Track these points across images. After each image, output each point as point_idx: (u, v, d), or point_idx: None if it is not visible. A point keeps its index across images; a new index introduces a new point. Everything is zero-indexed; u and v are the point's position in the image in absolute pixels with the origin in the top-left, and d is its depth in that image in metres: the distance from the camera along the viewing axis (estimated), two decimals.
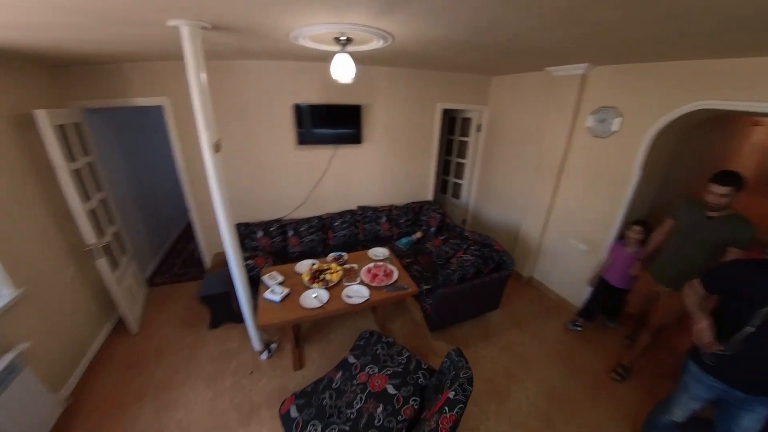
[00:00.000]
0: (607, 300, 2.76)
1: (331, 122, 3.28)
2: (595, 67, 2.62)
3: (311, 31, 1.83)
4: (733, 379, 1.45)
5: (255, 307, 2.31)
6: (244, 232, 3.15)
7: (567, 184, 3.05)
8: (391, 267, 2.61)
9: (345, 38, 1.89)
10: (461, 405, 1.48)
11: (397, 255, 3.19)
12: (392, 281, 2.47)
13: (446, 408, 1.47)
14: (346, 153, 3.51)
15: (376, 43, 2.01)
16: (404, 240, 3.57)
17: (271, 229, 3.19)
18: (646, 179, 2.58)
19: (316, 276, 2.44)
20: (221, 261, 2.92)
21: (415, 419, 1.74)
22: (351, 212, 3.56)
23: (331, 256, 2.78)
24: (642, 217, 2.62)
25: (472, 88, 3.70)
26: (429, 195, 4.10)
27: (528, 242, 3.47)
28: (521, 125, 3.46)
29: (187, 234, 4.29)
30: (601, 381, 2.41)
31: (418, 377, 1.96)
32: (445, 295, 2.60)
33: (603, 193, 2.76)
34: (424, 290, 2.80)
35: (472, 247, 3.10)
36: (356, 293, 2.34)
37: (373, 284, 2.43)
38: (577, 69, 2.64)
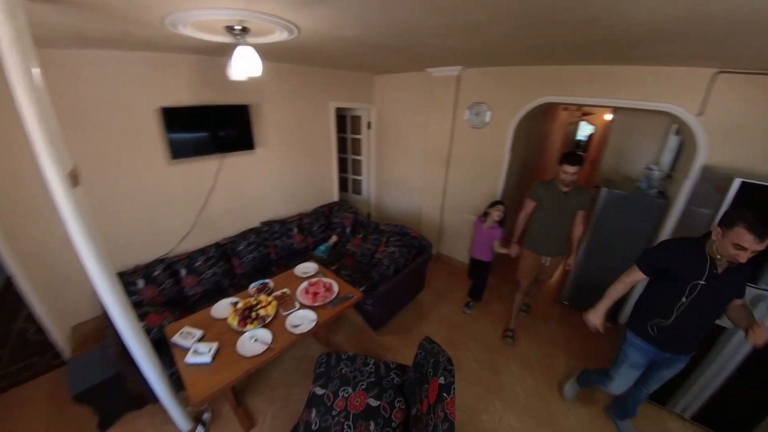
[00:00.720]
0: (477, 275, 3.07)
1: (213, 127, 2.75)
2: (467, 69, 3.14)
3: (199, 17, 1.49)
4: (665, 344, 1.67)
5: (174, 380, 1.78)
6: None
7: (456, 169, 3.57)
8: (328, 280, 2.48)
9: (240, 28, 1.63)
10: (453, 385, 1.58)
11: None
12: (335, 295, 2.35)
13: (444, 394, 1.52)
14: (236, 163, 3.03)
15: (279, 36, 1.80)
16: (321, 248, 3.42)
17: (155, 273, 2.46)
18: (513, 159, 3.32)
19: (247, 315, 2.07)
20: (90, 334, 2.08)
21: (407, 418, 1.77)
22: (255, 231, 3.14)
23: (253, 286, 2.40)
24: (499, 198, 3.12)
25: (358, 86, 3.81)
26: (335, 195, 4.04)
27: (431, 223, 3.91)
28: (409, 120, 3.81)
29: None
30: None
31: (392, 378, 1.98)
32: (386, 291, 2.68)
33: (485, 172, 3.38)
34: (361, 292, 2.79)
35: (392, 239, 3.27)
36: (302, 319, 2.12)
37: (317, 304, 2.26)
38: (453, 70, 3.11)
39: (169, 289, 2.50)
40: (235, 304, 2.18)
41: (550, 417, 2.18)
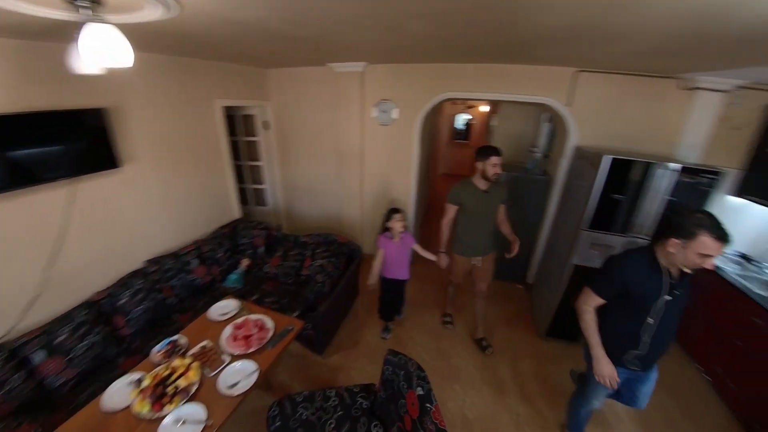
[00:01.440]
0: (394, 295, 2.79)
1: (51, 142, 1.97)
2: (371, 65, 3.12)
3: None
4: (639, 367, 1.62)
5: None
6: None
7: (371, 167, 3.57)
8: (257, 316, 2.12)
9: None
10: (432, 392, 1.58)
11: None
12: (272, 332, 2.04)
13: (427, 405, 1.49)
14: (96, 187, 2.26)
15: (150, 13, 1.36)
16: (232, 276, 2.94)
17: None
18: (422, 153, 3.51)
19: (161, 393, 1.59)
20: None
21: None
22: (140, 274, 2.44)
23: (158, 350, 1.86)
24: (397, 205, 2.89)
25: (249, 82, 3.36)
26: (236, 211, 3.50)
27: (352, 224, 3.84)
28: (315, 119, 3.59)
29: None
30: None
31: (360, 403, 1.87)
32: (326, 310, 2.50)
33: (399, 168, 3.49)
34: (296, 318, 2.53)
35: (318, 251, 3.07)
36: (238, 374, 1.75)
37: (252, 349, 1.90)
38: (357, 66, 3.05)
39: (19, 387, 1.71)
40: (138, 381, 1.66)
41: (503, 383, 2.47)
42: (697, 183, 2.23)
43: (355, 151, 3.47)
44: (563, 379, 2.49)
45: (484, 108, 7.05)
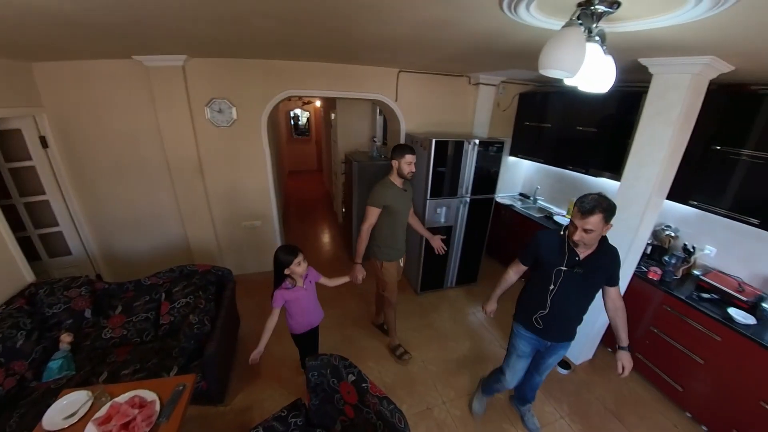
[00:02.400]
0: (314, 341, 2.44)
1: None
2: (193, 59, 2.76)
3: None
4: (546, 334, 1.85)
5: None
6: None
7: (214, 176, 3.22)
8: (126, 395, 1.72)
9: None
10: (361, 371, 1.72)
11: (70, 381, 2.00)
12: (158, 402, 1.71)
13: (363, 385, 1.64)
14: None
15: None
16: (54, 364, 2.14)
17: None
18: (272, 153, 3.45)
19: None
20: None
21: None
22: None
23: None
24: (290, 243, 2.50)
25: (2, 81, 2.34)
26: (24, 274, 2.47)
27: (206, 248, 3.41)
28: (121, 128, 2.88)
29: None
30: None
31: (295, 422, 1.87)
32: (215, 351, 2.24)
33: (250, 173, 3.32)
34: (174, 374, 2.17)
35: (175, 290, 2.64)
36: None
37: None
38: (175, 60, 2.64)
39: None
40: None
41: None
42: (490, 151, 3.21)
43: (190, 161, 3.04)
44: (443, 322, 3.19)
45: (319, 104, 7.35)
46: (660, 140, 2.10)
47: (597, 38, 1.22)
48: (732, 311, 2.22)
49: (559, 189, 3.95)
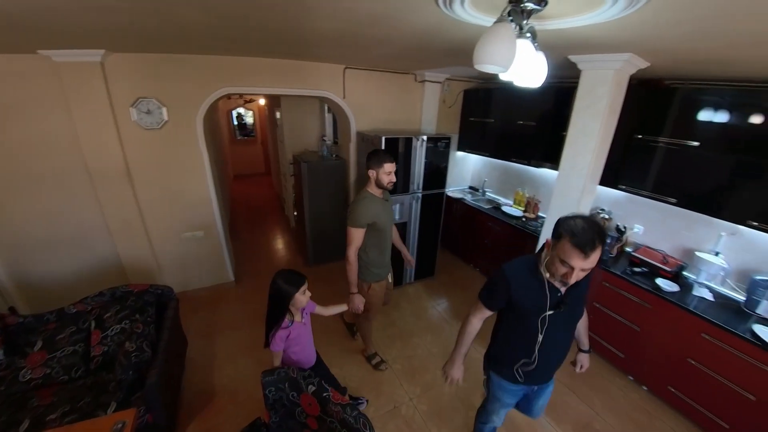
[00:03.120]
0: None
1: None
2: (113, 54, 2.49)
3: None
4: (532, 380, 1.57)
5: None
6: None
7: (145, 183, 2.94)
8: None
9: None
10: (322, 381, 1.70)
11: None
12: None
13: (324, 394, 1.63)
14: None
15: None
16: None
17: None
18: (212, 156, 3.24)
19: None
20: None
21: None
22: None
23: None
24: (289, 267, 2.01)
25: None
26: None
27: (143, 264, 3.11)
28: (31, 133, 2.52)
29: None
30: None
31: None
32: (159, 379, 2.05)
33: (187, 178, 3.06)
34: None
35: (107, 315, 2.38)
36: None
37: None
38: (92, 56, 2.36)
39: None
40: None
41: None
42: (438, 147, 3.30)
43: (116, 168, 2.73)
44: (404, 319, 3.23)
45: (263, 102, 7.01)
46: (590, 131, 2.29)
47: (528, 35, 1.30)
48: (659, 281, 2.51)
49: (506, 180, 4.19)
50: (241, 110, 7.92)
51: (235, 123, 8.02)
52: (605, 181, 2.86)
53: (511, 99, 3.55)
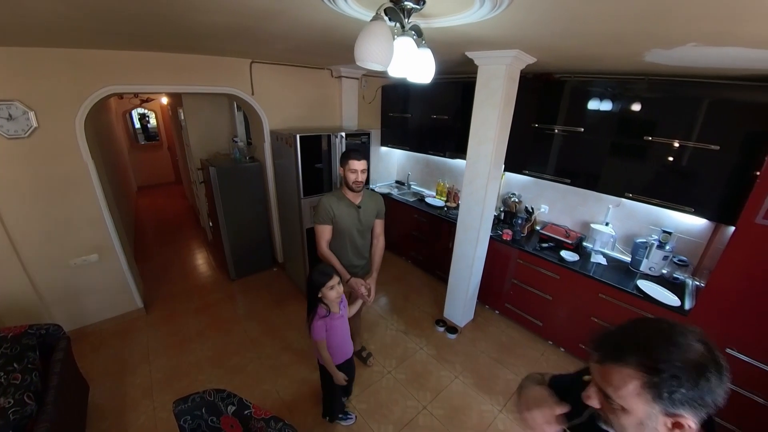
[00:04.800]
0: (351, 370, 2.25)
1: None
2: None
3: None
4: None
5: None
6: None
7: (14, 205, 2.50)
8: None
9: None
10: (243, 398, 1.65)
11: None
12: None
13: (245, 412, 1.58)
14: None
15: None
16: None
17: None
18: (100, 166, 2.90)
19: None
20: None
21: None
22: None
23: None
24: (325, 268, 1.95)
25: None
26: None
27: (19, 301, 2.65)
28: None
29: None
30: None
31: None
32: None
33: (68, 194, 2.68)
34: None
35: None
36: None
37: None
38: None
39: None
40: None
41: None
42: (360, 142, 3.36)
43: None
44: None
45: (165, 101, 6.38)
46: (490, 122, 2.53)
47: (412, 32, 1.39)
48: (563, 253, 2.88)
49: (428, 173, 4.43)
50: (143, 110, 7.14)
51: (138, 126, 7.19)
52: (513, 167, 3.20)
53: (426, 94, 3.75)
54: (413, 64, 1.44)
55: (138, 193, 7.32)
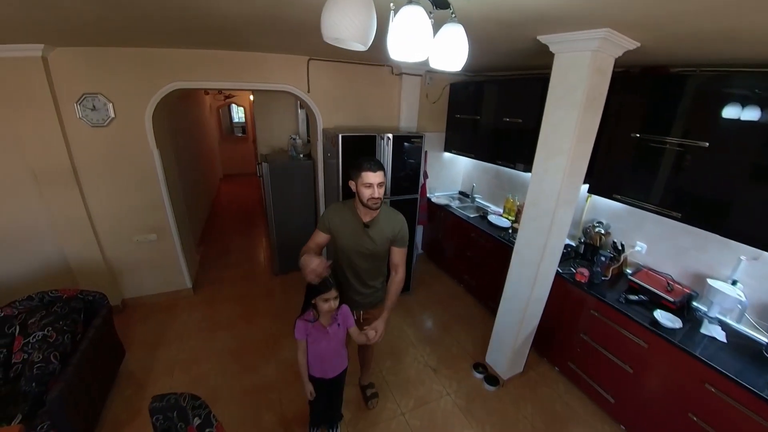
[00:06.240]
0: (327, 399, 2.05)
1: None
2: (57, 49, 2.48)
3: None
4: None
5: None
6: None
7: (94, 183, 2.91)
8: None
9: None
10: (211, 414, 1.55)
11: None
12: None
13: (208, 429, 1.47)
14: None
15: None
16: None
17: None
18: (167, 155, 3.18)
19: None
20: None
21: None
22: None
23: None
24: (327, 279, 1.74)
25: None
26: None
27: (92, 267, 3.08)
28: None
29: None
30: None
31: None
32: (62, 394, 1.96)
33: (138, 178, 3.01)
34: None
35: (31, 321, 2.34)
36: None
37: None
38: (32, 50, 2.36)
39: None
40: None
41: None
42: (409, 147, 3.05)
43: (62, 168, 2.71)
44: None
45: (252, 97, 7.03)
46: (565, 128, 1.97)
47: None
48: (658, 314, 2.12)
49: (498, 185, 3.84)
50: (235, 106, 8.03)
51: (236, 120, 8.13)
52: (600, 189, 2.53)
53: (499, 93, 3.24)
54: (428, 44, 1.11)
55: (222, 180, 8.19)
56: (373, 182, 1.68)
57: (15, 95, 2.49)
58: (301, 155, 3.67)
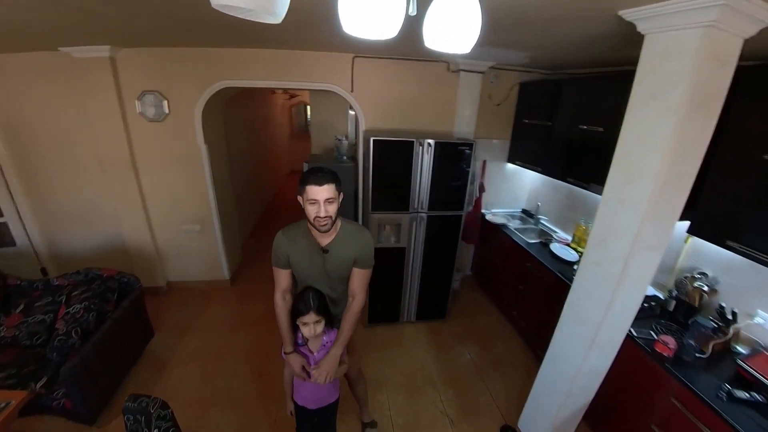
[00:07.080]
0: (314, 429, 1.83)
1: None
2: (123, 50, 2.73)
3: None
4: None
5: None
6: None
7: (149, 174, 3.15)
8: None
9: None
10: (172, 428, 1.48)
11: None
12: None
13: None
14: None
15: None
16: None
17: None
18: (215, 151, 3.29)
19: None
20: None
21: None
22: None
23: None
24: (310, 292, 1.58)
25: None
26: None
27: (142, 249, 3.35)
28: (59, 121, 2.95)
29: None
30: None
31: None
32: (80, 364, 2.08)
33: (187, 171, 3.18)
34: (38, 389, 2.05)
35: (74, 293, 2.56)
36: None
37: None
38: (101, 51, 2.62)
39: None
40: None
41: None
42: (456, 155, 2.63)
43: (123, 157, 3.00)
44: (377, 365, 2.68)
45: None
46: (655, 140, 1.39)
47: None
48: None
49: (569, 207, 3.13)
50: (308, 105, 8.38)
51: (309, 118, 8.55)
52: (709, 231, 1.81)
53: (578, 94, 2.61)
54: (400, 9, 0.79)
55: (287, 176, 8.52)
56: (318, 198, 1.40)
57: (87, 91, 2.80)
58: (345, 157, 3.50)
